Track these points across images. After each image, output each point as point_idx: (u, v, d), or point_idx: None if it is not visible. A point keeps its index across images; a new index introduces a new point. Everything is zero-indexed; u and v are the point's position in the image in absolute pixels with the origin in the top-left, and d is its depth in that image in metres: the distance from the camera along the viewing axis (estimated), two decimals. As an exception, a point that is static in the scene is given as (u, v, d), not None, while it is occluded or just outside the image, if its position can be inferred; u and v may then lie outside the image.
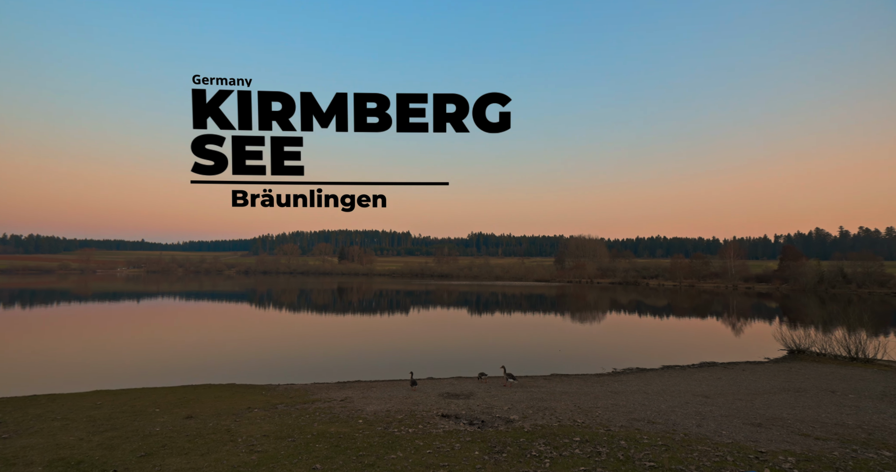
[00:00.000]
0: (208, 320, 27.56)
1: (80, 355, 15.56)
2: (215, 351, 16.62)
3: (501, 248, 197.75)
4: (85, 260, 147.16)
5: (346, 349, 17.35)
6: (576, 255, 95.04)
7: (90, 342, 18.62)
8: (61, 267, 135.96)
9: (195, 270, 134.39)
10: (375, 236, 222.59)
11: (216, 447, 5.44)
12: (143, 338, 19.75)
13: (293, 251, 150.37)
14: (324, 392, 9.59)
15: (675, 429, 6.15)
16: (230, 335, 20.84)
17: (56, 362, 14.24)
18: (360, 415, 7.08)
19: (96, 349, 16.84)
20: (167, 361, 14.61)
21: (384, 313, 32.50)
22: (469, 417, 6.89)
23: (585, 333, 23.36)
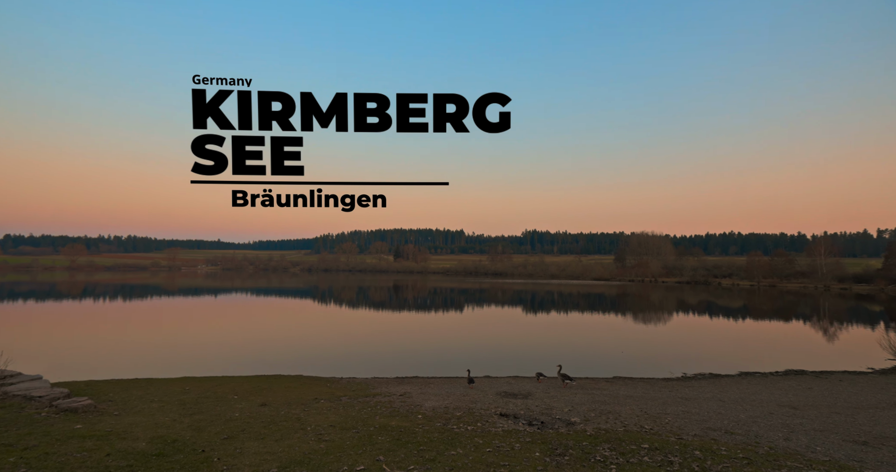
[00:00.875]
0: (277, 315, 29.50)
1: (170, 344, 17.30)
2: (284, 344, 17.75)
3: (557, 245, 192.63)
4: (171, 258, 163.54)
5: (403, 345, 17.79)
6: (638, 252, 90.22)
7: (178, 333, 20.65)
8: (153, 265, 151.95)
9: (264, 267, 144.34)
10: (429, 235, 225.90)
11: (288, 434, 5.80)
12: (221, 330, 21.57)
13: (351, 250, 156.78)
14: (383, 387, 9.89)
15: (757, 441, 5.63)
16: (297, 330, 22.16)
17: (151, 350, 15.95)
18: (419, 410, 7.22)
19: (184, 339, 18.64)
20: (242, 351, 15.83)
21: (439, 310, 32.92)
22: (528, 417, 6.78)
23: (650, 334, 22.11)
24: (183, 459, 4.69)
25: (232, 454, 4.93)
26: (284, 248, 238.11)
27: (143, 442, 5.21)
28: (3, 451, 4.48)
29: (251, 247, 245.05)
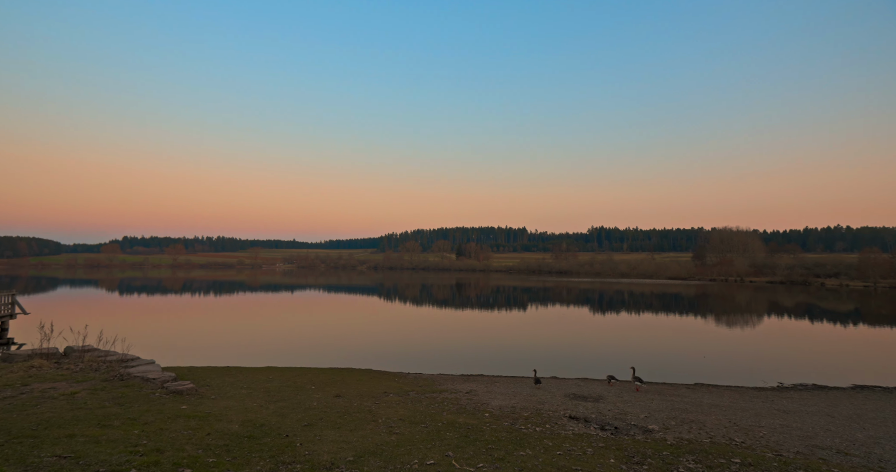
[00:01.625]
0: (347, 311, 31.05)
1: (255, 336, 18.91)
2: (354, 339, 18.64)
3: (626, 242, 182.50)
4: (253, 257, 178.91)
5: (467, 343, 17.89)
6: (720, 249, 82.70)
7: (262, 326, 22.51)
8: (238, 263, 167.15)
9: (334, 265, 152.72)
10: (491, 233, 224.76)
11: (361, 425, 6.07)
12: (298, 324, 23.16)
13: (415, 248, 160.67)
14: (449, 383, 10.01)
15: (882, 467, 4.90)
16: (366, 326, 23.16)
17: (240, 341, 17.54)
18: (485, 408, 7.21)
19: (266, 332, 20.28)
20: (317, 345, 16.87)
21: (502, 308, 32.64)
22: (600, 421, 6.48)
23: (737, 339, 20.15)
24: (270, 442, 5.09)
25: (312, 440, 5.26)
26: (352, 246, 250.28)
27: (237, 425, 5.74)
28: (129, 423, 5.17)
29: (322, 246, 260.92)
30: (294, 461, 4.45)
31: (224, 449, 4.71)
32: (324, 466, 4.38)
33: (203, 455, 4.36)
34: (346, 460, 4.57)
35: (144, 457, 4.02)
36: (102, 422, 5.15)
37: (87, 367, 8.94)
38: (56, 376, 7.92)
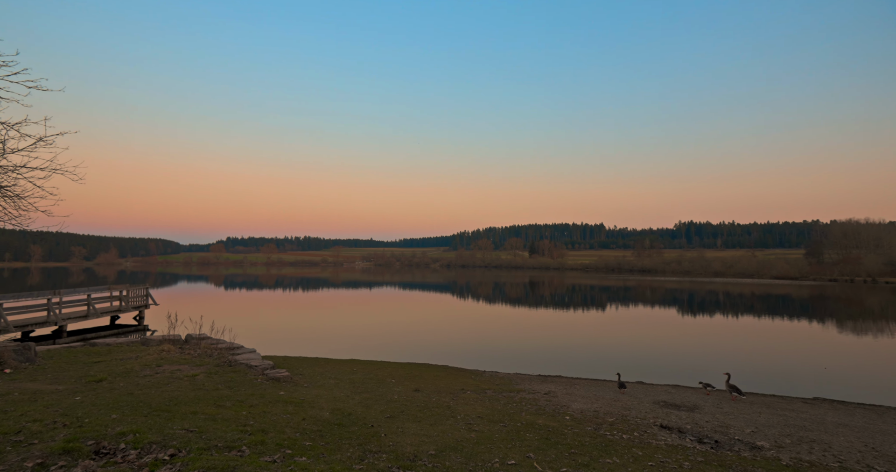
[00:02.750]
0: (422, 308, 31.93)
1: (339, 330, 20.20)
2: (429, 335, 19.10)
3: (721, 238, 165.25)
4: (335, 255, 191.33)
5: (542, 342, 17.44)
6: (843, 245, 71.41)
7: (344, 320, 23.99)
8: (322, 261, 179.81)
9: (408, 263, 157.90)
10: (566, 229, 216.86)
11: (441, 420, 6.19)
12: (377, 319, 24.31)
13: (487, 246, 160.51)
14: (526, 383, 9.83)
15: None
16: (441, 322, 23.63)
17: (326, 334, 18.86)
18: (565, 411, 6.96)
19: (348, 326, 21.57)
20: (395, 339, 17.56)
21: (578, 308, 31.33)
22: (697, 433, 5.93)
23: (869, 349, 17.24)
24: (357, 431, 5.38)
25: (395, 432, 5.47)
26: (426, 245, 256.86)
27: (327, 412, 6.16)
28: (238, 405, 5.81)
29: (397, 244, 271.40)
30: (380, 451, 4.66)
31: (318, 434, 5.08)
32: (407, 457, 4.52)
33: (300, 439, 4.74)
34: (427, 453, 4.68)
35: (252, 436, 4.46)
36: (217, 402, 5.83)
37: (203, 353, 10.20)
38: (180, 360, 9.13)
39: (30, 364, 7.94)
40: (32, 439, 3.58)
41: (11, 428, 3.80)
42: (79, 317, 16.11)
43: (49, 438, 3.64)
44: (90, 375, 7.30)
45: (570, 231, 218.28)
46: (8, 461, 3.13)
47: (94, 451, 3.50)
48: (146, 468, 3.32)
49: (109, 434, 3.84)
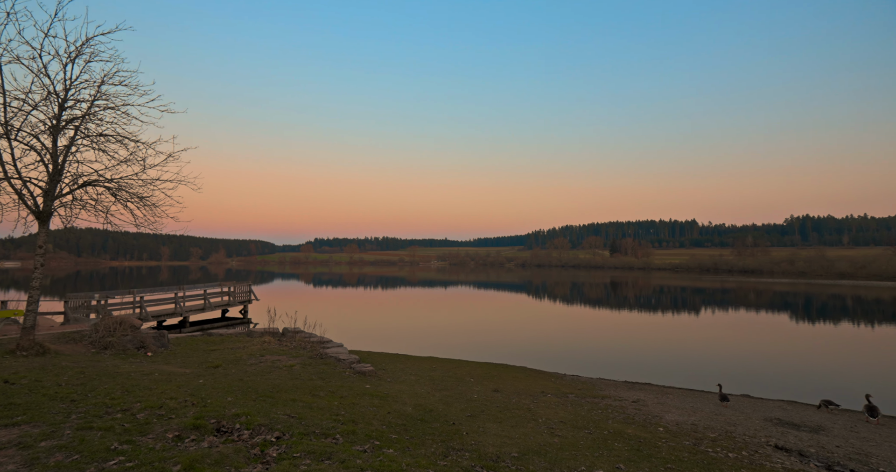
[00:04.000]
0: (497, 307, 31.76)
1: (418, 327, 20.85)
2: (507, 335, 18.93)
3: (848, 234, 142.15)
4: (412, 255, 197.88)
5: (627, 347, 16.39)
6: None
7: (423, 318, 24.71)
8: (399, 260, 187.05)
9: (482, 262, 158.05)
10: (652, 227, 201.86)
11: (521, 422, 6.09)
12: (454, 317, 24.66)
13: (563, 245, 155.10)
14: (612, 390, 9.31)
15: None
16: (517, 323, 23.30)
17: (405, 331, 19.57)
18: (658, 422, 6.46)
19: (427, 324, 22.17)
20: (472, 338, 17.66)
21: (667, 311, 28.93)
22: (824, 459, 5.15)
23: None
24: (439, 427, 5.50)
25: (476, 431, 5.50)
26: (499, 244, 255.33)
27: (410, 407, 6.38)
28: (330, 396, 6.25)
29: (471, 244, 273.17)
30: (462, 449, 4.71)
31: (402, 428, 5.28)
32: (489, 457, 4.52)
33: (387, 431, 4.96)
34: (510, 455, 4.63)
35: (344, 426, 4.77)
36: (312, 392, 6.32)
37: (297, 345, 11.15)
38: (279, 351, 10.07)
39: (164, 349, 9.29)
40: (170, 414, 4.18)
41: (155, 403, 4.48)
42: (197, 310, 18.50)
43: (182, 414, 4.22)
44: (209, 361, 8.34)
45: (656, 228, 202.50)
46: (154, 430, 3.70)
47: (216, 428, 3.99)
48: (257, 447, 3.70)
49: (227, 415, 4.35)
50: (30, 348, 7.29)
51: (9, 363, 6.39)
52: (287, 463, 3.38)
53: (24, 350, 7.22)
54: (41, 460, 3.04)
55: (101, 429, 3.66)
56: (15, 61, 7.07)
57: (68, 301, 13.73)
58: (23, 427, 3.67)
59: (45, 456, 3.10)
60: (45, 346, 7.63)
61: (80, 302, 13.94)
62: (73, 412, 4.10)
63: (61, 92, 7.45)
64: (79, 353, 8.03)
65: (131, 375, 6.18)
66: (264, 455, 3.57)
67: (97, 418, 3.96)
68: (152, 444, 3.44)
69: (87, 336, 9.15)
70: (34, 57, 7.20)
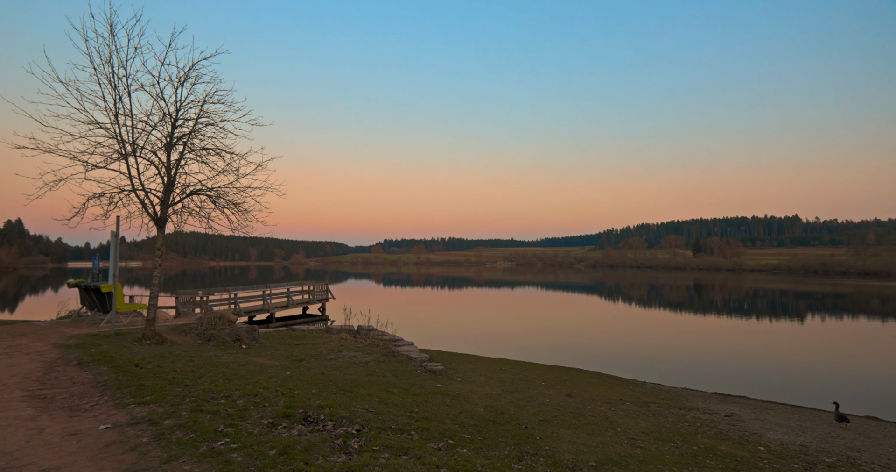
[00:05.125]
0: (568, 309, 30.69)
1: (486, 327, 20.80)
2: (578, 338, 18.21)
3: None
4: (478, 255, 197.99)
5: (716, 355, 14.95)
6: None
7: (490, 318, 24.62)
8: (465, 261, 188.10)
9: (551, 263, 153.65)
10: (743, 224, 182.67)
11: (598, 430, 5.81)
12: (523, 319, 24.27)
13: (639, 245, 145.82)
14: (699, 401, 8.56)
15: None
16: (589, 325, 22.33)
17: (472, 330, 19.62)
18: (758, 440, 5.81)
19: (495, 324, 22.05)
20: (541, 340, 17.24)
21: (763, 316, 25.91)
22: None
23: None
24: (511, 430, 5.43)
25: (550, 436, 5.34)
26: (568, 244, 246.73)
27: (481, 408, 6.38)
28: (404, 393, 6.46)
29: (538, 244, 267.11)
30: (536, 454, 4.61)
31: (475, 428, 5.29)
32: (566, 465, 4.37)
33: (459, 430, 5.00)
34: (588, 464, 4.44)
35: (418, 423, 4.89)
36: (387, 388, 6.57)
37: (371, 343, 11.65)
38: (355, 348, 10.61)
39: (255, 342, 10.21)
40: (264, 402, 4.58)
41: (251, 391, 4.94)
42: (281, 306, 20.10)
43: (274, 403, 4.61)
44: (293, 355, 9.02)
45: (748, 226, 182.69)
46: (252, 416, 4.08)
47: (303, 418, 4.30)
48: (340, 438, 3.92)
49: (312, 406, 4.67)
50: (152, 337, 8.42)
51: (137, 350, 7.43)
52: (368, 455, 3.53)
53: (147, 339, 8.35)
54: (166, 436, 3.49)
55: (209, 412, 4.11)
56: (140, 88, 8.22)
57: (178, 297, 15.63)
58: (151, 406, 4.24)
59: (168, 433, 3.55)
60: (164, 336, 8.75)
61: (188, 298, 15.80)
62: (187, 396, 4.66)
63: (173, 112, 8.53)
64: (188, 343, 9.10)
65: (230, 365, 6.87)
66: (347, 446, 3.77)
67: (205, 402, 4.46)
68: (251, 428, 3.79)
69: (194, 329, 10.34)
70: (153, 83, 8.32)
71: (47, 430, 3.67)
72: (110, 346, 7.64)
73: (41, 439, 3.48)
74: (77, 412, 4.13)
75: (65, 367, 6.00)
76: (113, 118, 8.13)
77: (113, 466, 2.98)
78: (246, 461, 3.10)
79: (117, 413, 4.08)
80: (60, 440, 3.46)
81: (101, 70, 7.95)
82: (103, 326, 10.29)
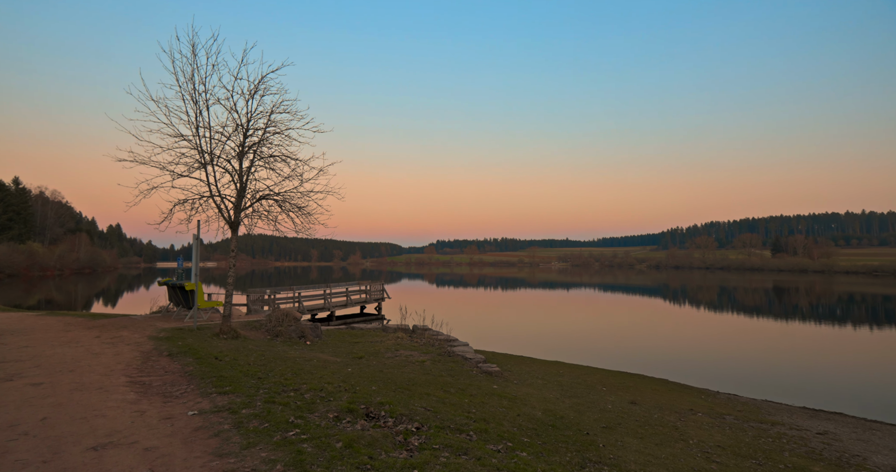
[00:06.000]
0: (630, 311, 29.22)
1: (540, 329, 20.35)
2: (640, 342, 17.27)
3: None
4: (531, 256, 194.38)
5: (804, 366, 13.50)
6: None
7: (545, 319, 24.05)
8: (518, 261, 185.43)
9: (608, 264, 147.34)
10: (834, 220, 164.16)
11: (667, 441, 5.47)
12: (580, 321, 23.46)
13: (708, 244, 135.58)
14: (784, 416, 7.78)
15: None
16: (653, 328, 21.11)
17: (526, 332, 19.28)
18: (861, 464, 5.18)
19: (551, 326, 21.51)
20: (601, 344, 16.56)
21: (862, 325, 22.99)
22: None
23: None
24: (572, 436, 5.26)
25: (614, 444, 5.11)
26: (628, 244, 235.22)
27: (539, 412, 6.24)
28: (460, 393, 6.48)
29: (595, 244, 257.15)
30: (600, 462, 4.42)
31: (533, 432, 5.18)
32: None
33: (518, 433, 4.93)
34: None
35: (476, 423, 4.88)
36: (444, 388, 6.62)
37: (426, 342, 11.82)
38: (411, 347, 10.81)
39: (318, 339, 10.74)
40: (329, 396, 4.80)
41: (317, 386, 5.20)
42: (340, 305, 20.98)
43: (338, 397, 4.81)
44: (353, 352, 9.37)
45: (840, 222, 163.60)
46: (318, 410, 4.30)
47: (365, 413, 4.45)
48: (400, 435, 4.01)
49: (373, 402, 4.82)
50: (228, 332, 9.13)
51: (215, 344, 8.10)
52: (428, 453, 3.58)
53: (224, 334, 9.07)
54: (244, 424, 3.76)
55: (280, 404, 4.38)
56: (216, 102, 8.98)
57: (249, 295, 16.85)
58: (230, 396, 4.60)
59: (246, 421, 3.83)
60: (238, 332, 9.47)
61: (257, 296, 16.98)
62: (260, 388, 5.00)
63: (245, 123, 9.22)
64: (258, 339, 9.77)
65: (297, 360, 7.27)
66: (407, 443, 3.85)
67: (277, 394, 4.76)
68: (318, 421, 3.99)
69: (263, 325, 11.08)
70: (228, 97, 9.05)
71: (147, 413, 4.11)
72: (194, 339, 8.40)
73: (143, 420, 3.90)
74: (170, 399, 4.58)
75: (158, 357, 6.69)
76: (194, 131, 8.95)
77: (201, 449, 3.26)
78: (315, 452, 3.26)
79: (202, 401, 4.47)
80: (158, 422, 3.86)
81: (185, 87, 8.79)
82: (187, 321, 11.34)
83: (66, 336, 8.47)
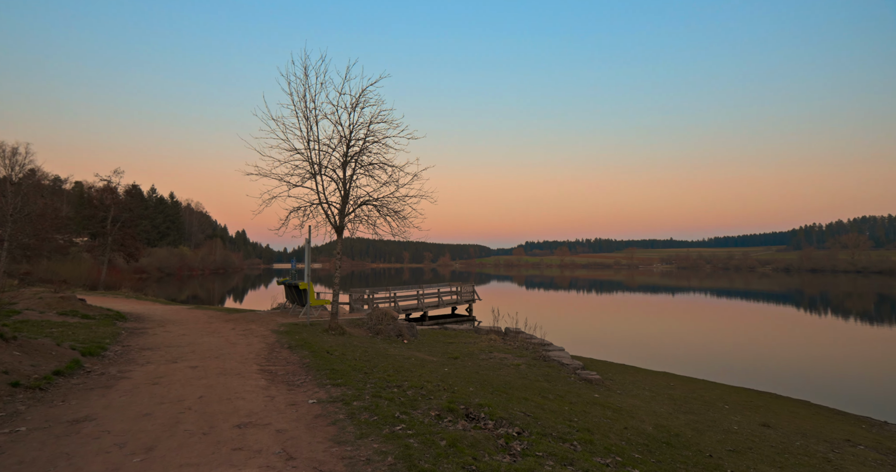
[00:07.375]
0: (753, 321, 25.57)
1: (647, 337, 18.77)
2: (770, 356, 14.99)
3: None
4: (629, 258, 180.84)
5: None
6: None
7: (651, 327, 22.13)
8: (615, 263, 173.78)
9: (723, 266, 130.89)
10: None
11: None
12: (693, 330, 21.15)
13: (860, 243, 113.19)
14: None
15: None
16: (788, 341, 18.20)
17: (629, 339, 17.91)
18: None
19: (658, 334, 19.73)
20: (717, 356, 14.72)
21: None
22: None
23: None
24: (691, 457, 4.72)
25: (744, 471, 4.48)
26: (747, 244, 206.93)
27: (650, 426, 5.73)
28: (559, 400, 6.23)
29: (706, 244, 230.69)
30: (729, 491, 3.90)
31: (645, 448, 4.76)
32: (773, 513, 3.58)
33: (627, 448, 4.56)
34: (806, 517, 3.56)
35: (580, 433, 4.63)
36: (542, 393, 6.42)
37: (520, 345, 11.61)
38: (504, 349, 10.71)
39: (414, 338, 11.18)
40: (429, 395, 4.95)
41: (417, 384, 5.39)
42: (433, 306, 21.61)
43: (438, 396, 4.93)
44: (448, 352, 9.56)
45: None
46: (420, 407, 4.44)
47: (465, 414, 4.49)
48: (502, 438, 3.96)
49: (472, 403, 4.84)
50: (335, 329, 9.95)
51: (326, 339, 8.87)
52: (532, 460, 3.48)
53: (332, 330, 9.90)
54: (356, 415, 4.04)
55: (386, 399, 4.62)
56: (324, 117, 9.89)
57: (351, 295, 18.19)
58: (342, 388, 4.99)
59: (357, 413, 4.11)
60: (344, 329, 10.28)
61: (358, 295, 18.26)
62: (367, 382, 5.33)
63: (347, 134, 10.00)
64: (361, 336, 10.48)
65: (396, 357, 7.64)
66: (509, 448, 3.78)
67: (382, 389, 5.03)
68: (421, 418, 4.12)
69: (365, 323, 11.86)
70: (333, 111, 9.91)
71: (276, 399, 4.63)
72: (308, 334, 9.30)
73: (273, 405, 4.40)
74: (293, 387, 5.11)
75: (280, 349, 7.52)
76: (306, 144, 9.96)
77: (322, 435, 3.57)
78: (422, 448, 3.37)
79: (319, 391, 4.90)
80: (285, 407, 4.32)
81: (298, 106, 9.83)
82: (301, 317, 12.61)
83: (210, 327, 9.97)
